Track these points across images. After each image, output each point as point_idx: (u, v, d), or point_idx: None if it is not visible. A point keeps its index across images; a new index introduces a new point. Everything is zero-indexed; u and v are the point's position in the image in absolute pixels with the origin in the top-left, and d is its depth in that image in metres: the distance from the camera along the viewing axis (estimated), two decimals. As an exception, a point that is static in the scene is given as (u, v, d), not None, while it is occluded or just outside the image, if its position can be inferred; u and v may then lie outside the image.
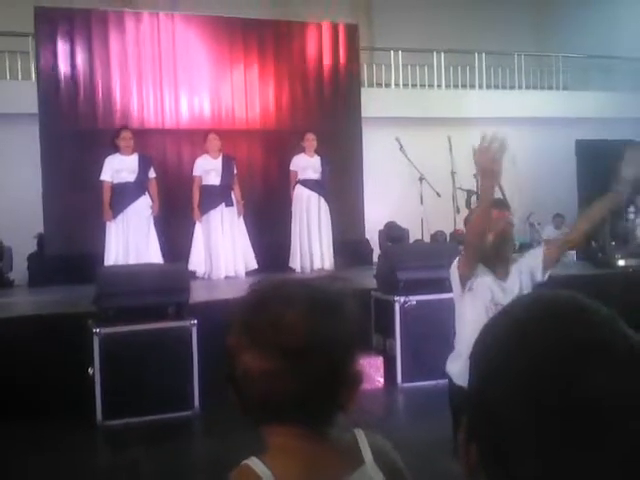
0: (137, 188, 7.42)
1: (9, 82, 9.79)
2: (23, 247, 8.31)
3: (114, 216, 7.34)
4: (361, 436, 1.13)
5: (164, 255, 7.40)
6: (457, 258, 3.10)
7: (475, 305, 3.02)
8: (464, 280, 3.03)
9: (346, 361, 1.05)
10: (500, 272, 3.09)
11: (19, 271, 8.38)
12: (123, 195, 7.35)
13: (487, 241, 2.97)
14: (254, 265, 7.98)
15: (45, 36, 8.25)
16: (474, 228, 2.96)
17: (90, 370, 4.83)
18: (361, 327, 1.11)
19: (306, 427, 1.04)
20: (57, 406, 4.76)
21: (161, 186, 7.72)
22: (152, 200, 7.50)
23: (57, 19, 8.31)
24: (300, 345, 1.00)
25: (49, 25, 8.26)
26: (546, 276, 3.13)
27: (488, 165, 2.63)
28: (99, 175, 7.38)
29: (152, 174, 7.58)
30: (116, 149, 7.43)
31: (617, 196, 2.92)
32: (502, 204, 3.28)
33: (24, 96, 8.61)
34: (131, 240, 7.34)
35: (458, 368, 2.96)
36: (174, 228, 7.97)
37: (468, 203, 8.26)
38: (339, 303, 1.07)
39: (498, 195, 3.38)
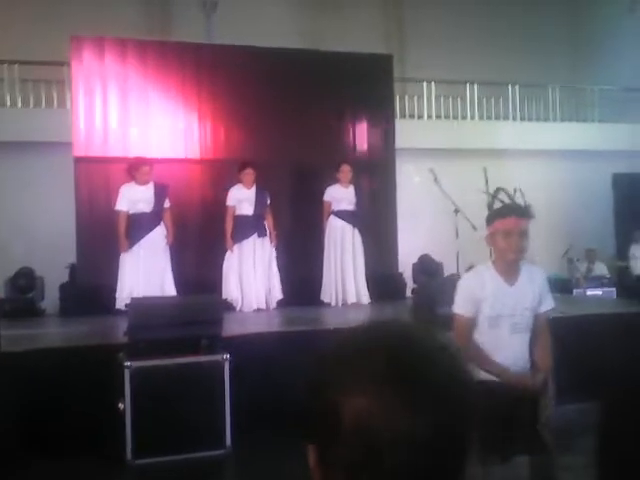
0: (153, 218, 7.38)
1: (45, 110, 9.87)
2: (55, 277, 8.28)
3: (130, 246, 7.28)
4: None
5: (190, 287, 7.23)
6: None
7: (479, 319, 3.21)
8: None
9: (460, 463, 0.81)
10: (508, 275, 3.17)
11: (51, 301, 8.35)
12: (140, 225, 7.31)
13: None
14: (279, 295, 7.84)
15: (80, 65, 8.29)
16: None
17: (120, 405, 4.70)
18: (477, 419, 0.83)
19: None
20: (86, 442, 4.64)
21: (190, 216, 7.63)
22: (167, 230, 7.45)
23: (92, 48, 8.36)
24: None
25: (84, 54, 8.32)
26: None
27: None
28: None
29: (167, 204, 7.53)
30: (131, 178, 7.41)
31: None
32: (521, 212, 3.18)
33: (59, 124, 8.62)
34: (147, 271, 7.26)
35: None
36: (201, 259, 7.89)
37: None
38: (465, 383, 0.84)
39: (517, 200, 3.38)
